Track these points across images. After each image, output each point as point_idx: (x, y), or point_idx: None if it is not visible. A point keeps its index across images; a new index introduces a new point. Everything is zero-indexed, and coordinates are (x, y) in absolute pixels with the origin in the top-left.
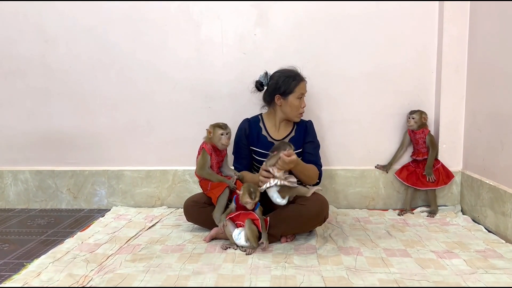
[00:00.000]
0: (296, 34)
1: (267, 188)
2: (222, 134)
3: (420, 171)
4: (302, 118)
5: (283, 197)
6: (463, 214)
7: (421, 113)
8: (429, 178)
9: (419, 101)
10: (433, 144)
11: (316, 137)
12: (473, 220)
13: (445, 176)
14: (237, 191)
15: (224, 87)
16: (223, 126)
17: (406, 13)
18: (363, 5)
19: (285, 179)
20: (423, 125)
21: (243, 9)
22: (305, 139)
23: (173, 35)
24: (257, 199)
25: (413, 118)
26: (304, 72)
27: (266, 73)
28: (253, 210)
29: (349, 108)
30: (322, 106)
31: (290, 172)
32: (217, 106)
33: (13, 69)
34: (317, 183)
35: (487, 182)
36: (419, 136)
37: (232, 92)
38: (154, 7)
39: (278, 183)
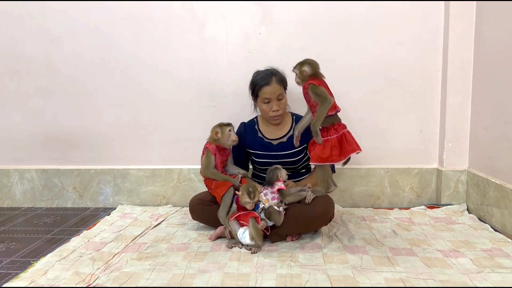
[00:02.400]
0: (300, 33)
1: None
2: (230, 131)
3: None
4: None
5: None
6: (469, 213)
7: (301, 65)
8: (316, 139)
9: (424, 99)
10: (319, 95)
11: None
12: (479, 219)
13: (340, 149)
14: (236, 192)
15: (228, 86)
16: (228, 124)
17: (411, 10)
18: (368, 3)
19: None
20: (306, 78)
21: (247, 7)
22: (308, 138)
23: (177, 34)
24: (256, 198)
25: (296, 74)
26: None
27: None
28: (254, 210)
29: (353, 107)
30: None
31: None
32: (221, 105)
33: (18, 68)
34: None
35: (493, 180)
36: (305, 92)
37: (236, 91)
38: (158, 6)
39: (266, 206)
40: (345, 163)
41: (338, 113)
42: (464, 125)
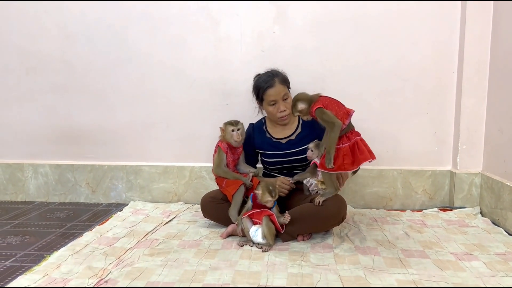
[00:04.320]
0: (314, 32)
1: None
2: (233, 131)
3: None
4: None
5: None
6: (482, 216)
7: (295, 106)
8: (329, 165)
9: (439, 101)
10: (326, 121)
11: None
12: (493, 223)
13: (352, 157)
14: (255, 192)
15: (241, 85)
16: (234, 123)
17: (427, 11)
18: (383, 3)
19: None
20: (308, 110)
21: (262, 6)
22: (318, 132)
23: (192, 32)
24: (277, 196)
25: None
26: (322, 70)
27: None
28: (270, 208)
29: (367, 107)
30: None
31: None
32: (234, 103)
33: (34, 65)
34: None
35: (508, 184)
36: (314, 117)
37: (249, 89)
38: (173, 5)
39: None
40: (354, 172)
41: (352, 116)
42: (479, 127)
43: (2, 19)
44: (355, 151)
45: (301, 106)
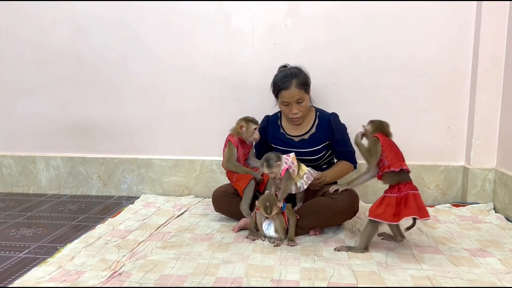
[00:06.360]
0: (327, 26)
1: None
2: (255, 129)
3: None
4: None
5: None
6: (496, 212)
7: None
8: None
9: (453, 96)
10: (369, 151)
11: (343, 128)
12: (507, 219)
13: (396, 209)
14: (256, 204)
15: (253, 79)
16: (256, 121)
17: (442, 5)
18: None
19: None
20: (371, 133)
21: None
22: (330, 136)
23: (203, 25)
24: (274, 212)
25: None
26: (334, 64)
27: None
28: (281, 208)
29: (379, 102)
30: (351, 98)
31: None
32: (245, 97)
33: (46, 57)
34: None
35: None
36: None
37: (261, 83)
38: None
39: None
40: (408, 228)
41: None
42: (493, 123)
43: (14, 13)
44: (401, 204)
45: (368, 127)
